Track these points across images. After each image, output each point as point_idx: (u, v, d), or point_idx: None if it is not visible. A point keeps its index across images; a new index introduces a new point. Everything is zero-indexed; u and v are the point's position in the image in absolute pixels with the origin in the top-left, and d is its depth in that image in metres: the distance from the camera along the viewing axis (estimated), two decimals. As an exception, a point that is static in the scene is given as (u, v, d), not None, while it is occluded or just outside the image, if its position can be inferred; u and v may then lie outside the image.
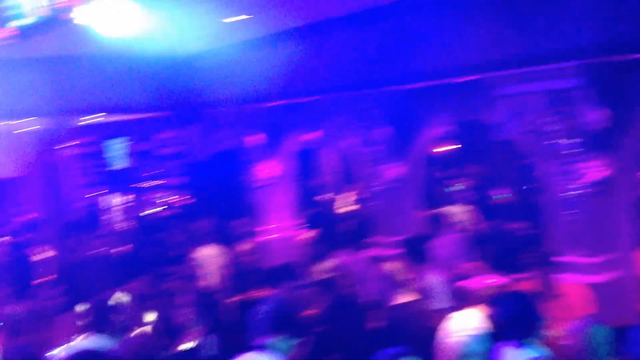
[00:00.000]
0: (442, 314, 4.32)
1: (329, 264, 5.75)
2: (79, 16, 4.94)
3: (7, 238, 8.97)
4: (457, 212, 7.57)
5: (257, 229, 8.54)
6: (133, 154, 11.01)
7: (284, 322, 3.22)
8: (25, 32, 5.60)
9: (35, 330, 4.56)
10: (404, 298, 4.69)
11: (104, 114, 9.15)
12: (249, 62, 7.65)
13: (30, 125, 8.85)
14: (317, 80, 7.24)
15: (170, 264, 7.44)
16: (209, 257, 7.15)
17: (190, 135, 9.82)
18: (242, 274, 6.83)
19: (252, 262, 7.11)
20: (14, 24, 5.39)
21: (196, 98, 8.77)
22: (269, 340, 3.15)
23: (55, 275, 7.65)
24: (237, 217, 8.56)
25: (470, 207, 7.90)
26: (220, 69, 8.12)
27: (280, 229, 8.70)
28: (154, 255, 8.11)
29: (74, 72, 7.86)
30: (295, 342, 3.21)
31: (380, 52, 6.50)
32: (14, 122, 8.87)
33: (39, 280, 7.70)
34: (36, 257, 8.08)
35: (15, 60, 7.28)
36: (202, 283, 6.75)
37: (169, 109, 9.48)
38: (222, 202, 9.19)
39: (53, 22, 5.33)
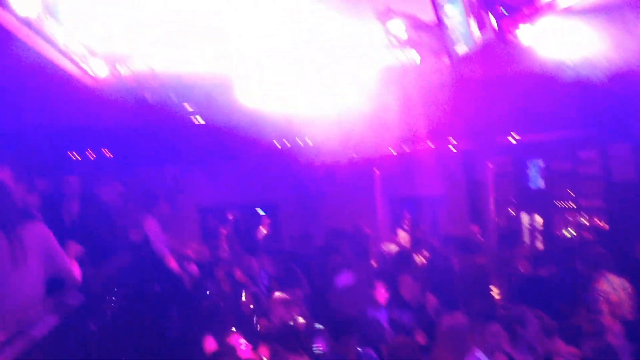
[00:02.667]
0: None
1: None
2: (523, 36, 5.29)
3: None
4: None
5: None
6: (551, 173, 11.00)
7: None
8: (468, 56, 6.22)
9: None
10: None
11: (528, 133, 9.40)
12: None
13: (461, 144, 9.70)
14: None
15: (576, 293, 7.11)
16: (615, 289, 6.60)
17: (613, 155, 9.37)
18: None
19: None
20: (461, 48, 6.06)
21: (621, 117, 8.32)
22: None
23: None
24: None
25: None
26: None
27: None
28: (564, 279, 7.94)
29: (504, 93, 8.26)
30: None
31: None
32: (448, 142, 9.69)
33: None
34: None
35: (452, 83, 8.02)
36: (606, 318, 6.31)
37: (591, 127, 9.23)
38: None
39: (495, 44, 5.79)
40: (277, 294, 6.31)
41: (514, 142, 10.95)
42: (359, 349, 5.44)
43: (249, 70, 7.45)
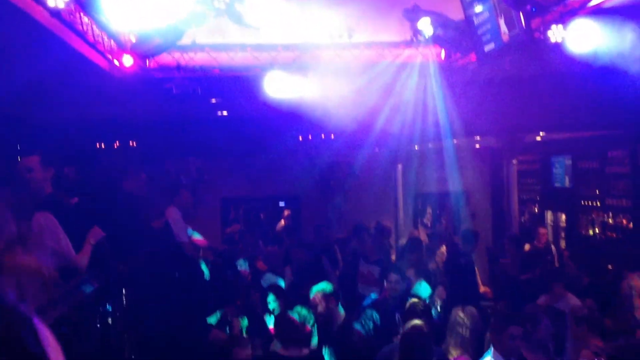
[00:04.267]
0: None
1: None
2: (552, 34, 5.24)
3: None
4: None
5: None
6: (578, 172, 10.86)
7: None
8: (496, 53, 6.18)
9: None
10: None
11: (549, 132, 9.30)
12: None
13: (486, 141, 9.62)
14: None
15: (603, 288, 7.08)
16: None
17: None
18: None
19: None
20: (489, 47, 6.03)
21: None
22: None
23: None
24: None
25: None
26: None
27: None
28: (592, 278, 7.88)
29: (531, 91, 8.19)
30: None
31: None
32: (473, 139, 9.63)
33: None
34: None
35: (479, 80, 7.98)
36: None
37: (618, 127, 9.10)
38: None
39: (523, 42, 5.75)
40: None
41: (539, 139, 10.85)
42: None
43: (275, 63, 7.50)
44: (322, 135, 10.88)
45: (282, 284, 8.01)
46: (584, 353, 4.44)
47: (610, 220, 10.11)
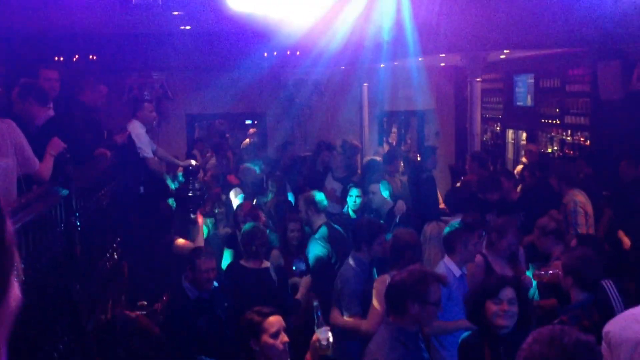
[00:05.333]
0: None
1: None
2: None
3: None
4: None
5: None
6: (540, 90, 11.01)
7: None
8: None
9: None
10: None
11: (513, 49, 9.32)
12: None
13: (450, 60, 9.60)
14: None
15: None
16: (581, 202, 6.77)
17: (601, 73, 9.36)
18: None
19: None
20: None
21: (612, 35, 8.25)
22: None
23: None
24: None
25: None
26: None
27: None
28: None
29: (495, 6, 8.16)
30: None
31: None
32: (437, 57, 9.59)
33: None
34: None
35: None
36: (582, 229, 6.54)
37: (580, 44, 9.16)
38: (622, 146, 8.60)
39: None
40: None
41: (503, 57, 10.90)
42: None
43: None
44: (288, 52, 10.76)
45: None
46: (555, 264, 4.70)
47: (569, 138, 10.37)
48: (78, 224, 4.24)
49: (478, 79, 10.77)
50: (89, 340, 4.16)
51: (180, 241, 5.96)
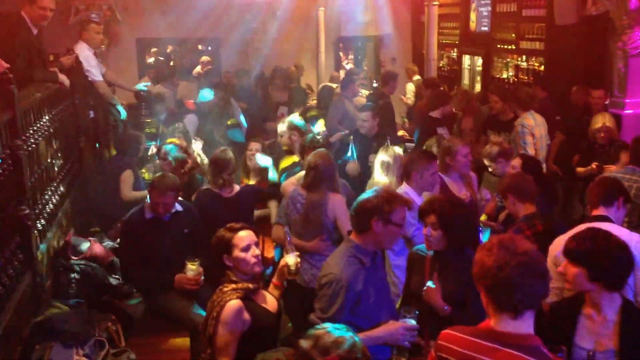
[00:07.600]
0: None
1: None
2: None
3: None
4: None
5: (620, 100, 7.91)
6: (496, 15, 10.93)
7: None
8: None
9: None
10: None
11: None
12: None
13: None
14: None
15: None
16: (536, 124, 6.96)
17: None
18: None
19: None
20: None
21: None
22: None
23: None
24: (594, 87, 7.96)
25: None
26: None
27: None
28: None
29: None
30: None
31: None
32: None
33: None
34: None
35: None
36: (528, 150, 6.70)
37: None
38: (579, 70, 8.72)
39: None
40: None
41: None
42: None
43: None
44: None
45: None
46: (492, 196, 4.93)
47: (524, 64, 10.40)
48: (25, 147, 4.11)
49: (435, 3, 10.68)
50: (39, 265, 4.12)
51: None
